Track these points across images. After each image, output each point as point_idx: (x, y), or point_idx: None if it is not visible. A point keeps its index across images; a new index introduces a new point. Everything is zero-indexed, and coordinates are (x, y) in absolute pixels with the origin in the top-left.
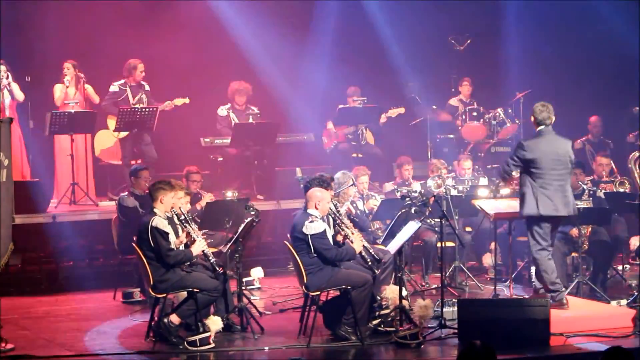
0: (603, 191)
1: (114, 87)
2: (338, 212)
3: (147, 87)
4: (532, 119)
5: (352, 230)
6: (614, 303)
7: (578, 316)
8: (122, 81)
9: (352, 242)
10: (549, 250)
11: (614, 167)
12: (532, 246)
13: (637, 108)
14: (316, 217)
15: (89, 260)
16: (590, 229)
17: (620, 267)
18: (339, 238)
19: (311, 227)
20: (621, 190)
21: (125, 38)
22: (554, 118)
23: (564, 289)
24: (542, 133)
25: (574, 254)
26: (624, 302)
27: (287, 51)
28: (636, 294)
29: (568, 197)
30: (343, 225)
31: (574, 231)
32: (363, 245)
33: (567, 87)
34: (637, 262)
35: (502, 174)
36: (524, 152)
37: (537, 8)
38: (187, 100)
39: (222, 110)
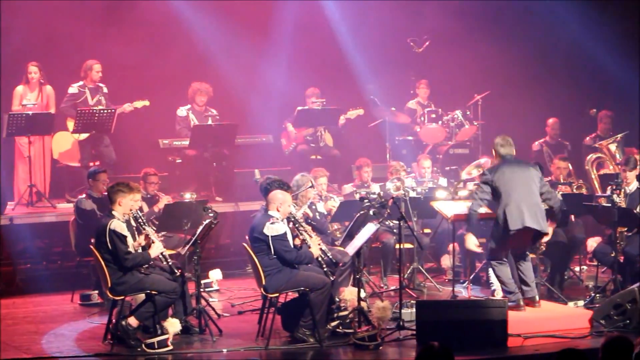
0: (560, 193)
1: (73, 89)
2: (295, 215)
3: (105, 90)
4: (494, 152)
5: (310, 234)
6: (571, 304)
7: (535, 317)
8: (81, 83)
9: (309, 247)
10: (504, 263)
11: (571, 169)
12: (489, 254)
13: (595, 110)
14: (277, 219)
15: (47, 263)
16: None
17: (577, 269)
18: (297, 242)
19: (272, 229)
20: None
21: (84, 39)
22: (514, 152)
23: (518, 291)
24: (502, 164)
25: (532, 256)
26: (581, 303)
27: (246, 52)
28: (593, 295)
29: (536, 213)
30: (301, 229)
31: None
32: (320, 249)
33: (526, 89)
34: (594, 264)
35: (473, 212)
36: (489, 177)
37: (495, 10)
38: (147, 103)
39: (182, 111)
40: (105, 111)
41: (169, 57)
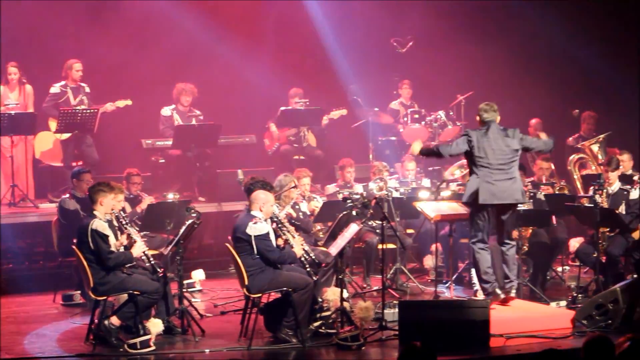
0: (543, 193)
1: (55, 89)
2: (278, 216)
3: (87, 89)
4: (478, 118)
5: (293, 234)
6: (553, 304)
7: (518, 317)
8: (63, 82)
9: (292, 247)
10: (485, 249)
11: (553, 169)
12: (470, 237)
13: (578, 111)
14: (260, 218)
15: (29, 263)
16: (530, 230)
17: (559, 269)
18: (280, 242)
19: (255, 228)
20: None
21: (67, 38)
22: (499, 118)
23: (496, 283)
24: (485, 127)
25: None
26: (563, 303)
27: (229, 52)
28: (575, 295)
29: (511, 186)
30: (284, 229)
31: (514, 233)
32: (303, 249)
33: (509, 89)
34: (576, 264)
35: (437, 150)
36: (469, 137)
37: (478, 10)
38: (129, 102)
39: (166, 111)
40: (88, 111)
41: (151, 56)
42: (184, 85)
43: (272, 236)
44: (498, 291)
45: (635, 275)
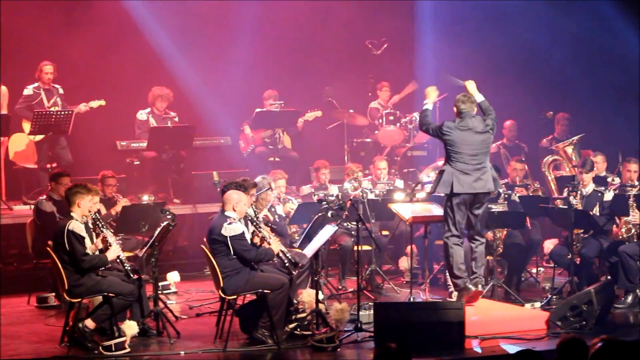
0: (518, 195)
1: (28, 91)
2: (256, 216)
3: (60, 91)
4: (455, 109)
5: (270, 234)
6: (528, 305)
7: (492, 319)
8: (36, 84)
9: (269, 244)
10: (459, 243)
11: (527, 171)
12: (444, 232)
13: (551, 113)
14: (234, 219)
15: (3, 265)
16: (505, 232)
17: (534, 270)
18: (256, 240)
19: (230, 229)
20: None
21: (40, 40)
22: (475, 109)
23: (466, 277)
24: (460, 118)
25: (488, 257)
26: (537, 304)
27: (204, 53)
28: (549, 296)
29: (483, 177)
30: (260, 227)
31: (489, 234)
32: (280, 248)
33: (482, 91)
34: (551, 265)
35: (422, 116)
36: (443, 130)
37: (451, 11)
38: (103, 103)
39: (142, 115)
40: (62, 113)
41: (125, 57)
42: (160, 91)
43: (247, 235)
44: (469, 286)
45: (609, 277)
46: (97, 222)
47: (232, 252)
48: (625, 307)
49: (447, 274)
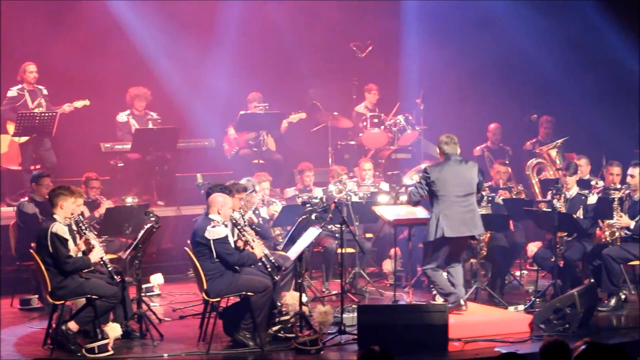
0: (501, 197)
1: (12, 92)
2: (241, 219)
3: (44, 92)
4: (439, 150)
5: (253, 237)
6: (511, 308)
7: (476, 322)
8: (20, 86)
9: (253, 248)
10: (438, 270)
11: (511, 174)
12: (424, 263)
13: (535, 116)
14: (218, 222)
15: None
16: (488, 235)
17: (517, 273)
18: (240, 244)
19: (213, 232)
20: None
21: (24, 41)
22: (458, 151)
23: (455, 290)
24: (444, 163)
25: (472, 260)
26: (521, 307)
27: (188, 55)
28: (533, 299)
29: (471, 218)
30: (244, 231)
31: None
32: (263, 252)
33: (467, 94)
34: (534, 268)
35: (413, 202)
36: (427, 175)
37: (436, 14)
38: (87, 102)
39: (122, 117)
40: (47, 114)
41: (109, 58)
42: (137, 90)
43: (230, 239)
44: (461, 302)
45: (592, 280)
46: (80, 224)
47: (214, 255)
48: (609, 310)
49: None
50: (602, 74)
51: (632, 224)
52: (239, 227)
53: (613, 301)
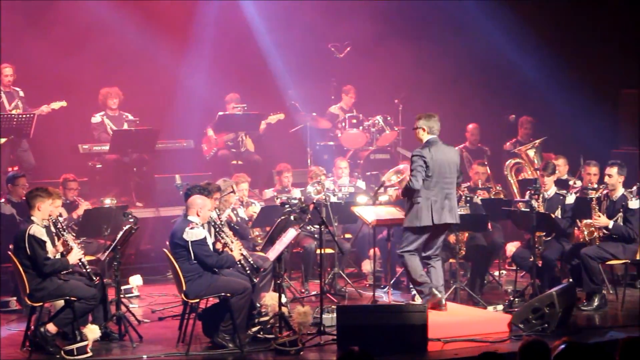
0: (480, 198)
1: None
2: (220, 220)
3: (21, 93)
4: (422, 131)
5: (232, 238)
6: (490, 308)
7: (455, 321)
8: None
9: (231, 251)
10: (415, 254)
11: (489, 174)
12: (401, 247)
13: (514, 116)
14: (197, 224)
15: None
16: (467, 235)
17: (496, 273)
18: (218, 246)
19: (192, 234)
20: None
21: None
22: (439, 127)
23: (434, 290)
24: (431, 142)
25: (451, 260)
26: (500, 307)
27: (166, 56)
28: (512, 299)
29: (454, 205)
30: (223, 233)
31: (451, 237)
32: (242, 254)
33: (446, 94)
34: (513, 268)
35: (407, 192)
36: (424, 157)
37: (415, 14)
38: (64, 104)
39: (96, 118)
40: (24, 116)
41: (88, 59)
42: (108, 89)
43: (209, 241)
44: (435, 291)
45: (570, 280)
46: (58, 226)
47: (193, 257)
48: (593, 309)
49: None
50: (580, 74)
51: (610, 224)
52: (216, 227)
53: (596, 300)
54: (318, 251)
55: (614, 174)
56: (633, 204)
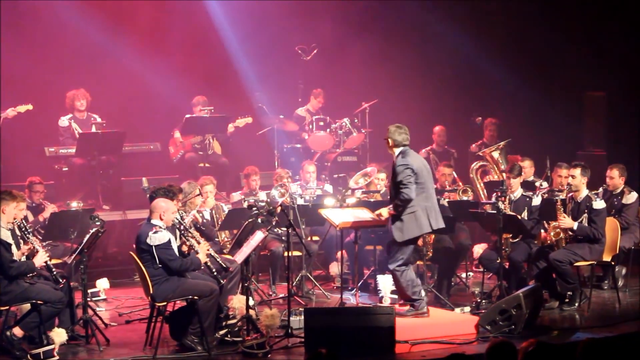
0: (446, 200)
1: None
2: (184, 222)
3: None
4: (390, 142)
5: (199, 239)
6: (457, 310)
7: (423, 323)
8: None
9: (197, 253)
10: (408, 267)
11: (455, 176)
12: (393, 262)
13: (480, 118)
14: (160, 227)
15: None
16: (434, 237)
17: (463, 275)
18: (184, 248)
19: (155, 238)
20: (464, 198)
21: None
22: (409, 137)
23: (425, 297)
24: (408, 152)
25: (419, 262)
26: (467, 309)
27: (132, 58)
28: (479, 301)
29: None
30: (189, 235)
31: (419, 240)
32: (209, 255)
33: (412, 96)
34: (480, 270)
35: (403, 204)
36: (411, 166)
37: (380, 17)
38: (30, 107)
39: (63, 121)
40: None
41: (53, 62)
42: (75, 91)
43: (174, 244)
44: (426, 309)
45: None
46: (23, 229)
47: (157, 261)
48: (575, 308)
49: (377, 279)
50: (548, 75)
51: (575, 225)
52: (181, 229)
53: (577, 298)
54: (286, 254)
55: (577, 174)
56: (597, 204)
